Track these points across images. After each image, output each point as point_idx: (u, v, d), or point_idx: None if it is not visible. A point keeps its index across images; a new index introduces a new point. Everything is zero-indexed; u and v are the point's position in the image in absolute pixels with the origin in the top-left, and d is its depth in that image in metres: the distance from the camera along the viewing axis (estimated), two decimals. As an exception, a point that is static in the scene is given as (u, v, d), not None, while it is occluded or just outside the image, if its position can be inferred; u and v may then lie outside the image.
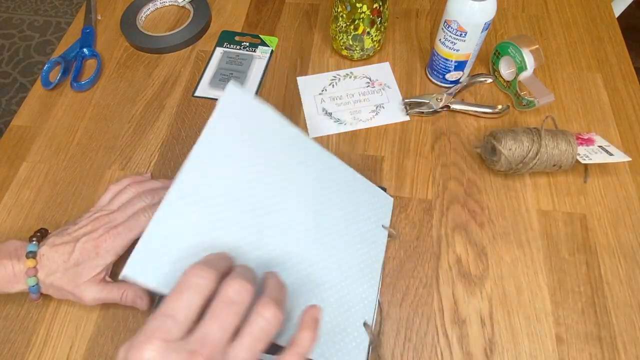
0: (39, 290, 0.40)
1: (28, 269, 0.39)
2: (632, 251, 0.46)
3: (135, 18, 0.65)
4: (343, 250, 0.43)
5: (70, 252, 0.39)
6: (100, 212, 0.43)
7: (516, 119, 0.55)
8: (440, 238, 0.47)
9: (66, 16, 1.78)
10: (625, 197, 0.49)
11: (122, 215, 0.42)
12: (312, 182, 0.42)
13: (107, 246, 0.40)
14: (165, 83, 0.60)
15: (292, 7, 0.68)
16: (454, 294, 0.44)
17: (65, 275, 0.39)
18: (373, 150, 0.53)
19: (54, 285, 0.40)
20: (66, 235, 0.41)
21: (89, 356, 0.41)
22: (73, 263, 0.39)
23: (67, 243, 0.40)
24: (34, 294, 0.40)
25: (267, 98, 0.58)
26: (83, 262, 0.40)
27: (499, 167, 0.48)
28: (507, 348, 0.41)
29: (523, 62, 0.53)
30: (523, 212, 0.48)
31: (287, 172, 0.41)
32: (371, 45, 0.59)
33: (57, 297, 0.41)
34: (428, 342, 0.41)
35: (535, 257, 0.46)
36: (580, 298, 0.43)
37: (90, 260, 0.40)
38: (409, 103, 0.56)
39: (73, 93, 0.60)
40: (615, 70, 0.59)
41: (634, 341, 0.41)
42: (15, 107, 1.53)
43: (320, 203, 0.42)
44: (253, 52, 0.63)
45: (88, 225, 0.41)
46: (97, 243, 0.40)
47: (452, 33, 0.51)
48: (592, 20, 0.65)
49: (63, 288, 0.40)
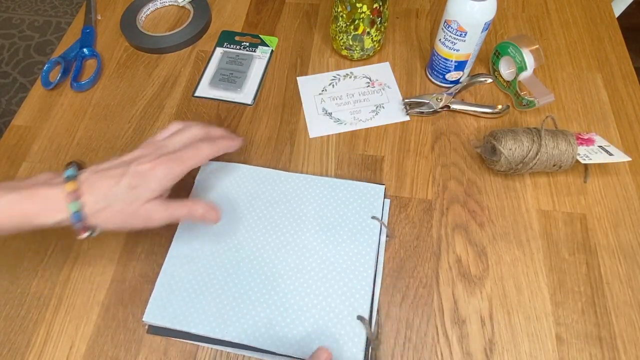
0: (82, 218, 0.36)
1: (68, 194, 0.35)
2: (632, 251, 0.46)
3: (135, 18, 0.65)
4: (328, 248, 0.45)
5: (121, 176, 0.37)
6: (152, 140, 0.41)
7: (516, 119, 0.55)
8: (440, 238, 0.47)
9: (66, 16, 1.78)
10: (625, 197, 0.49)
11: (176, 143, 0.40)
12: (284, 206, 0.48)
13: (162, 171, 0.37)
14: (165, 83, 0.60)
15: (292, 7, 0.68)
16: (454, 294, 0.44)
17: (122, 199, 0.36)
18: (373, 150, 0.53)
19: (111, 208, 0.36)
20: (112, 161, 0.38)
21: (89, 356, 0.41)
22: (126, 186, 0.36)
23: (116, 167, 0.37)
24: (77, 223, 0.36)
25: (267, 98, 0.58)
26: (138, 185, 0.37)
27: (499, 167, 0.48)
28: (507, 348, 0.41)
29: (523, 62, 0.53)
30: (523, 212, 0.48)
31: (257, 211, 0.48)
32: (371, 45, 0.59)
33: (111, 226, 0.37)
34: (428, 342, 0.41)
35: (535, 257, 0.46)
36: (580, 298, 0.43)
37: (146, 183, 0.37)
38: (409, 103, 0.56)
39: (73, 93, 0.60)
40: (615, 70, 0.59)
41: (634, 341, 0.41)
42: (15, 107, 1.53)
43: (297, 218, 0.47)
44: (253, 52, 0.63)
45: (137, 151, 0.39)
46: (152, 165, 0.37)
47: (452, 33, 0.51)
48: (592, 20, 0.65)
49: (124, 210, 0.36)
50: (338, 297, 0.42)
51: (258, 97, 0.59)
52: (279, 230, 0.46)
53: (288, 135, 0.55)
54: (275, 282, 0.43)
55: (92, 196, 0.36)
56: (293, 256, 0.44)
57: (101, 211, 0.36)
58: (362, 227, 0.46)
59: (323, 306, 0.41)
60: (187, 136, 0.41)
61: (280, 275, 0.43)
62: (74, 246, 0.47)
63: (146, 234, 0.48)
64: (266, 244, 0.45)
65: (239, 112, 0.57)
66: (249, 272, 0.44)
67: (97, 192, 0.36)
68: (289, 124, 0.56)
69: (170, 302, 0.42)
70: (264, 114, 0.57)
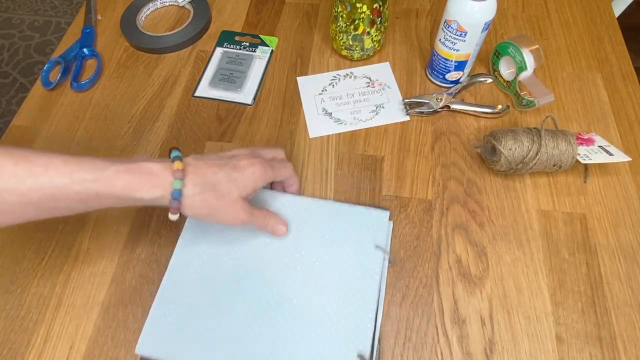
0: (181, 197, 0.36)
1: (174, 170, 0.36)
2: (632, 251, 0.46)
3: (135, 18, 0.65)
4: (329, 279, 0.43)
5: (222, 166, 0.38)
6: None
7: (516, 119, 0.55)
8: (440, 238, 0.47)
9: (66, 16, 1.78)
10: (625, 197, 0.49)
11: (266, 154, 0.43)
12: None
13: (258, 171, 0.40)
14: (165, 83, 0.60)
15: (292, 7, 0.68)
16: (454, 294, 0.44)
17: (219, 187, 0.38)
18: (373, 150, 0.53)
19: (206, 195, 0.37)
20: (211, 154, 0.40)
21: (89, 356, 0.41)
22: (226, 176, 0.38)
23: (217, 159, 0.39)
24: (175, 201, 0.36)
25: (267, 98, 0.58)
26: (236, 178, 0.38)
27: (499, 167, 0.48)
28: (507, 348, 0.41)
29: (523, 62, 0.53)
30: (523, 212, 0.48)
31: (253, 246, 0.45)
32: (371, 45, 0.59)
33: (197, 212, 0.38)
34: (428, 342, 0.41)
35: (535, 257, 0.46)
36: (580, 298, 0.43)
37: (243, 178, 0.39)
38: (409, 103, 0.56)
39: (73, 93, 0.60)
40: (615, 70, 0.59)
41: (634, 341, 0.41)
42: (15, 107, 1.53)
43: (297, 244, 0.45)
44: (253, 52, 0.63)
45: (234, 150, 0.41)
46: (251, 163, 0.39)
47: (452, 33, 0.51)
48: (592, 20, 0.65)
49: (216, 200, 0.38)
50: (337, 331, 0.40)
51: (258, 97, 0.59)
52: (278, 258, 0.44)
53: (288, 135, 0.55)
54: (272, 314, 0.41)
55: (195, 178, 0.37)
56: (292, 287, 0.43)
57: (197, 195, 0.37)
58: (365, 258, 0.44)
59: (322, 340, 0.40)
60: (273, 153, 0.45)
61: (278, 307, 0.42)
62: (74, 246, 0.47)
63: (146, 234, 0.48)
64: (264, 273, 0.43)
65: (239, 112, 0.57)
66: (246, 303, 0.42)
67: (200, 176, 0.37)
68: (289, 124, 0.56)
69: (164, 333, 0.41)
70: (264, 114, 0.57)
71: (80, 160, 0.34)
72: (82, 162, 0.34)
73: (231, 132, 0.55)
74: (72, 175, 0.33)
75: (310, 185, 0.51)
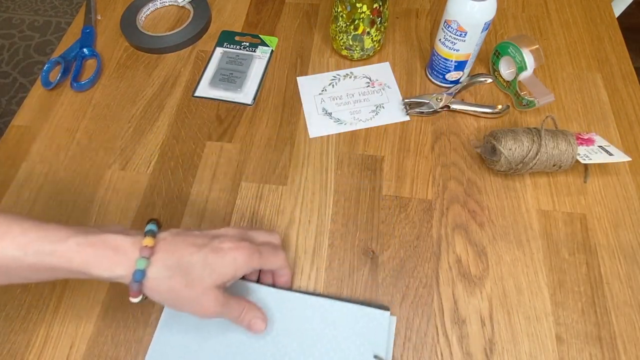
0: (143, 279, 0.32)
1: (143, 248, 0.32)
2: (632, 251, 0.46)
3: (135, 18, 0.65)
4: None
5: (201, 246, 0.34)
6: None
7: (516, 119, 0.55)
8: (440, 238, 0.47)
9: (66, 16, 1.78)
10: (625, 197, 0.49)
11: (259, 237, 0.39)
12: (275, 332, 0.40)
13: (242, 256, 0.35)
14: (165, 83, 0.60)
15: (292, 7, 0.68)
16: (454, 294, 0.44)
17: (192, 272, 0.33)
18: (373, 150, 0.53)
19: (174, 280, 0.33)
20: (194, 230, 0.37)
21: (89, 356, 0.41)
22: (202, 259, 0.34)
23: (198, 237, 0.35)
24: (136, 283, 0.32)
25: (267, 98, 0.58)
26: (214, 262, 0.34)
27: (499, 167, 0.48)
28: (507, 348, 0.41)
29: (523, 62, 0.53)
30: (523, 212, 0.48)
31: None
32: (371, 45, 0.59)
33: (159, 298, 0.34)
34: (428, 342, 0.41)
35: (535, 257, 0.46)
36: (580, 298, 0.43)
37: (222, 263, 0.34)
38: (409, 103, 0.56)
39: (73, 93, 0.60)
40: (615, 70, 0.59)
41: (634, 341, 0.41)
42: (15, 107, 1.53)
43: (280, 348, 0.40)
44: (253, 52, 0.63)
45: (223, 229, 0.37)
46: (235, 247, 0.35)
47: (452, 33, 0.51)
48: (592, 20, 0.65)
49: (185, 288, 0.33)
50: None
51: (258, 97, 0.59)
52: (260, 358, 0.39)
53: (288, 135, 0.55)
54: None
55: (165, 257, 0.33)
56: None
57: (163, 279, 0.33)
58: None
59: None
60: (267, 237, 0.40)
61: None
62: (74, 246, 0.47)
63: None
64: None
65: (239, 112, 0.57)
66: None
67: (172, 255, 0.34)
68: (289, 124, 0.56)
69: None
70: (264, 114, 0.57)
71: (42, 228, 0.32)
72: (44, 230, 0.32)
73: (231, 132, 0.55)
74: (28, 246, 0.31)
75: (310, 185, 0.51)
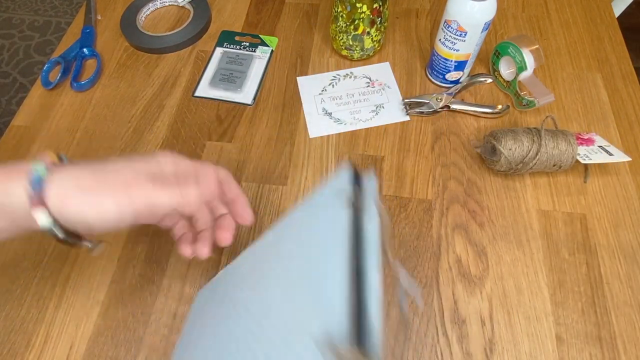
0: (42, 184, 0.28)
1: (37, 159, 0.29)
2: (632, 251, 0.46)
3: (135, 18, 0.65)
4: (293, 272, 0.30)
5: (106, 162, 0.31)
6: None
7: (516, 119, 0.55)
8: (440, 238, 0.47)
9: (66, 16, 1.78)
10: (625, 197, 0.49)
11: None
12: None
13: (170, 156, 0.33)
14: (165, 83, 0.60)
15: (292, 7, 0.68)
16: (454, 294, 0.44)
17: (101, 170, 0.30)
18: (373, 150, 0.53)
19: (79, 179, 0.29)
20: None
21: (89, 356, 0.41)
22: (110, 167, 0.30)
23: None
24: (36, 189, 0.27)
25: (267, 98, 0.58)
26: (132, 164, 0.31)
27: (499, 167, 0.48)
28: (507, 348, 0.41)
29: (523, 62, 0.53)
30: (523, 212, 0.48)
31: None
32: (371, 45, 0.59)
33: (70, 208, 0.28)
34: (428, 342, 0.41)
35: (535, 257, 0.46)
36: (580, 298, 0.43)
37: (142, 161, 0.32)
38: (409, 103, 0.56)
39: (73, 93, 0.60)
40: (615, 70, 0.59)
41: (634, 341, 0.41)
42: (15, 107, 1.53)
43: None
44: (253, 52, 0.63)
45: None
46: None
47: (452, 33, 0.51)
48: (592, 20, 0.65)
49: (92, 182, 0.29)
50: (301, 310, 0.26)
51: (258, 97, 0.59)
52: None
53: (288, 135, 0.55)
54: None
55: (68, 167, 0.29)
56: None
57: (68, 180, 0.28)
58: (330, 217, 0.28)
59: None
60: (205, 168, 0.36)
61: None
62: (74, 246, 0.47)
63: (146, 234, 0.48)
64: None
65: (239, 112, 0.57)
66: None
67: (76, 166, 0.30)
68: (289, 124, 0.56)
69: None
70: (264, 114, 0.57)
71: None
72: None
73: (231, 132, 0.55)
74: None
75: (310, 186, 0.51)
